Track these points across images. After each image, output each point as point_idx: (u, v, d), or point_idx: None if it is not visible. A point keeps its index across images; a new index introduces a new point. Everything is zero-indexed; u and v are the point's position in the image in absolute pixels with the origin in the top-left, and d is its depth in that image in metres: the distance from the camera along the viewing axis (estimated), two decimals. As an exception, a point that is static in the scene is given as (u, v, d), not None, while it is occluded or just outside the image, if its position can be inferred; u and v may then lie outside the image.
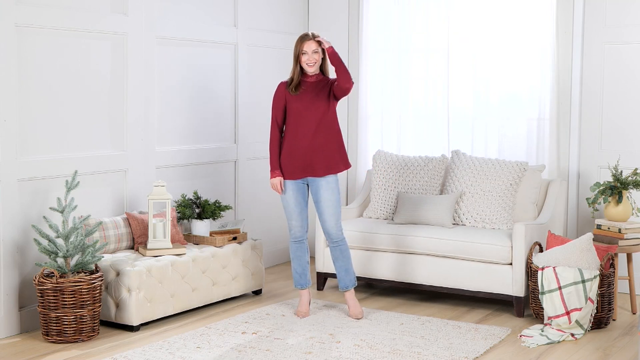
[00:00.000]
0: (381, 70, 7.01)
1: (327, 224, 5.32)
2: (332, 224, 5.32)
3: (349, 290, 5.42)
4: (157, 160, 5.91)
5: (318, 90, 5.26)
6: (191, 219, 5.83)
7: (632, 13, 6.04)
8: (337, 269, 5.44)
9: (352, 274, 5.44)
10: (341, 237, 5.38)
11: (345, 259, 5.40)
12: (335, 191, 5.30)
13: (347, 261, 5.41)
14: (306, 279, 5.49)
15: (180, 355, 4.60)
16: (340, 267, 5.41)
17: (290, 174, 5.30)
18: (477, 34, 6.57)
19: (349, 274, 5.42)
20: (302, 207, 5.38)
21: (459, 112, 6.71)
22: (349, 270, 5.42)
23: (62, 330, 4.80)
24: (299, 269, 5.47)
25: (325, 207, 5.30)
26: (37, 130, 5.11)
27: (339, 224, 5.35)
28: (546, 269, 5.17)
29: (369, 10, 7.00)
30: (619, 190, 5.58)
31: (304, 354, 4.64)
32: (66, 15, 5.20)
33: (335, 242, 5.37)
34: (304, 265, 5.48)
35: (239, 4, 6.60)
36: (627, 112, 6.10)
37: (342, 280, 5.43)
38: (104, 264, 5.12)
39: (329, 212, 5.30)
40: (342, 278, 5.43)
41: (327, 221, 5.32)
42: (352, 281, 5.43)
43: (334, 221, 5.32)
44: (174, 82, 6.08)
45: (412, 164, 6.27)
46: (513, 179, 5.86)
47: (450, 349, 4.76)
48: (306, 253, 5.50)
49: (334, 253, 5.41)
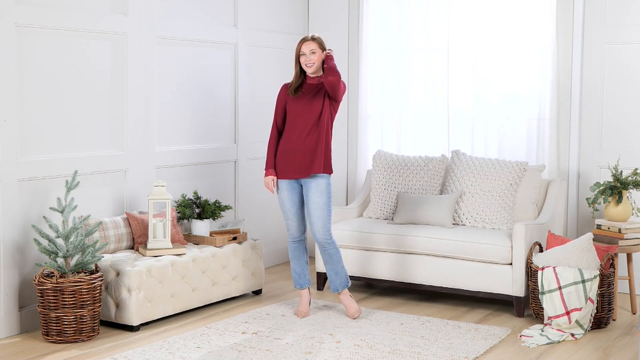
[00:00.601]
0: (381, 70, 7.01)
1: (314, 227, 5.31)
2: (318, 227, 5.29)
3: (342, 291, 5.42)
4: (157, 160, 5.91)
5: (316, 92, 5.27)
6: (191, 219, 5.83)
7: (632, 13, 6.04)
8: (327, 272, 5.44)
9: (343, 275, 5.41)
10: (329, 240, 5.33)
11: (334, 262, 5.38)
12: (324, 194, 5.27)
13: (337, 264, 5.39)
14: (305, 279, 5.49)
15: (180, 355, 4.60)
16: (330, 270, 5.41)
17: (284, 173, 5.31)
18: (477, 34, 6.57)
19: (339, 276, 5.40)
20: (298, 207, 5.38)
21: (459, 112, 6.71)
22: (339, 272, 5.39)
23: (62, 330, 4.80)
24: (298, 269, 5.48)
25: (312, 210, 5.28)
26: (37, 130, 5.11)
27: (327, 228, 5.31)
28: (546, 269, 5.17)
29: (369, 10, 7.00)
30: (619, 190, 5.58)
31: (304, 354, 4.64)
32: (66, 15, 5.20)
33: (322, 245, 5.35)
34: (303, 265, 5.48)
35: (239, 4, 6.60)
36: (627, 112, 6.10)
37: (332, 282, 5.42)
38: (104, 264, 5.12)
39: (316, 215, 5.27)
40: (332, 280, 5.42)
41: (314, 224, 5.30)
42: (343, 283, 5.41)
43: (321, 225, 5.28)
44: (174, 82, 6.08)
45: (412, 164, 6.27)
46: (513, 179, 5.86)
47: (450, 349, 4.76)
48: (305, 253, 5.50)
49: (323, 256, 5.40)
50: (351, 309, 5.38)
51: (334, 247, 5.37)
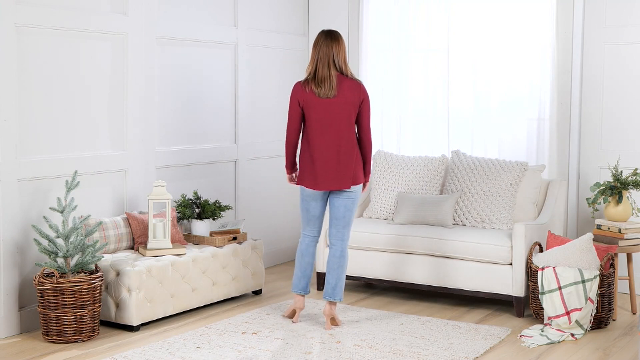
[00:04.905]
0: (381, 70, 7.01)
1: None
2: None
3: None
4: (157, 160, 5.91)
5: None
6: (191, 219, 5.83)
7: (632, 13, 6.04)
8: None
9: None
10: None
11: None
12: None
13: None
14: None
15: (180, 355, 4.60)
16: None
17: None
18: (477, 34, 6.57)
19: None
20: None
21: (459, 112, 6.71)
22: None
23: (62, 330, 4.80)
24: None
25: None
26: (37, 130, 5.11)
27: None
28: (546, 269, 5.17)
29: (369, 10, 7.00)
30: (619, 190, 5.58)
31: (304, 354, 4.64)
32: (66, 15, 5.20)
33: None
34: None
35: (239, 4, 6.60)
36: (627, 112, 6.10)
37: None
38: (104, 264, 5.12)
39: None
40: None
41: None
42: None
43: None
44: (174, 82, 6.08)
45: (412, 164, 6.27)
46: (513, 179, 5.86)
47: (450, 349, 4.76)
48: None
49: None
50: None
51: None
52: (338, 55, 5.04)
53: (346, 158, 5.04)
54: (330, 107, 5.02)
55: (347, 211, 5.14)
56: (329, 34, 5.09)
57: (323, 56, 5.02)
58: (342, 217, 5.15)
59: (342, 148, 5.04)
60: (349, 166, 5.05)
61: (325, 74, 5.01)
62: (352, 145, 5.06)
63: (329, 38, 5.06)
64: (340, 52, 5.06)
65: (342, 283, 5.17)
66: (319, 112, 5.04)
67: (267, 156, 6.93)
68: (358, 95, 5.05)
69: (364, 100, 5.07)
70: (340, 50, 5.06)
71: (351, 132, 5.06)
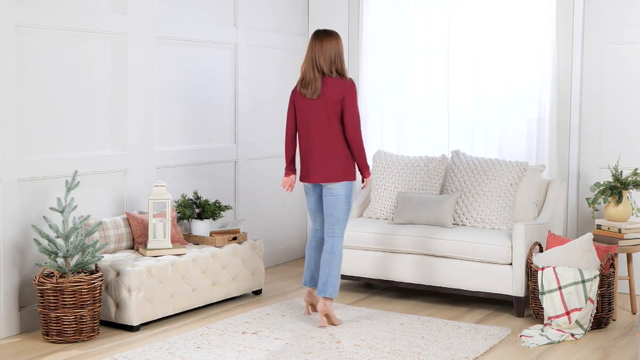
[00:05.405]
0: (381, 70, 7.01)
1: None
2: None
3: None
4: (157, 160, 5.91)
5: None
6: (191, 219, 5.83)
7: (632, 13, 6.04)
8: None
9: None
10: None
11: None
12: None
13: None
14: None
15: (180, 355, 4.60)
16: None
17: None
18: (477, 34, 6.57)
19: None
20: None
21: (459, 112, 6.71)
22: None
23: (62, 330, 4.80)
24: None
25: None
26: (37, 130, 5.11)
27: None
28: (546, 269, 5.17)
29: (369, 10, 7.00)
30: (619, 190, 5.58)
31: (304, 354, 4.64)
32: (66, 15, 5.20)
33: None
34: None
35: (239, 4, 6.60)
36: (627, 112, 6.10)
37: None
38: (104, 264, 5.12)
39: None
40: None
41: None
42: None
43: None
44: (174, 82, 6.08)
45: (412, 164, 6.27)
46: (513, 179, 5.86)
47: (450, 349, 4.76)
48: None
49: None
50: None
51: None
52: (322, 56, 5.12)
53: (325, 155, 5.16)
54: (312, 106, 5.17)
55: (333, 208, 5.21)
56: (316, 35, 5.20)
57: (308, 59, 5.17)
58: (330, 215, 5.24)
59: (322, 145, 5.16)
60: (327, 163, 5.16)
61: (310, 76, 5.15)
62: (333, 142, 5.15)
63: (316, 39, 5.18)
64: (325, 52, 5.13)
65: (333, 279, 5.19)
66: (304, 111, 5.22)
67: (267, 156, 6.93)
68: (339, 92, 5.12)
69: (345, 97, 5.12)
70: (325, 51, 5.13)
71: (333, 130, 5.15)
